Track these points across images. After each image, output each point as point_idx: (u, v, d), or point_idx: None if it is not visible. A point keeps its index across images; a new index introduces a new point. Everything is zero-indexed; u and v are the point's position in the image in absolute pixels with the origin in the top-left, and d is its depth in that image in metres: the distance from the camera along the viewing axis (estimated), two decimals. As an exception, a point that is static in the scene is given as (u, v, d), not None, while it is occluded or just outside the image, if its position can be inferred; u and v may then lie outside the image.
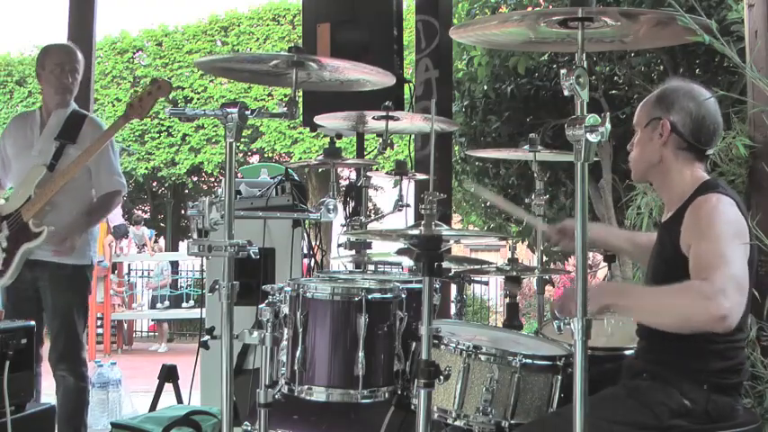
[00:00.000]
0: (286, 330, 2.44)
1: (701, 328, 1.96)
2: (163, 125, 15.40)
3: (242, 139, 14.23)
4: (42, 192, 3.51)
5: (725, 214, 2.09)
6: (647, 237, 2.65)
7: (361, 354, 2.34)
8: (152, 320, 12.15)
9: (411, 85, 4.32)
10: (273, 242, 3.86)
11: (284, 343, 2.44)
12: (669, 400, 2.06)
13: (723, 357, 2.09)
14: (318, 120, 3.23)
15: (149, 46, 16.02)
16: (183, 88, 15.44)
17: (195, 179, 16.50)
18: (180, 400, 4.36)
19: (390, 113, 2.95)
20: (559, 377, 2.29)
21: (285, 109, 2.41)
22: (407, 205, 3.18)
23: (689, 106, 2.21)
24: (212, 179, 16.33)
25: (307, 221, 3.84)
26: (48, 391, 4.48)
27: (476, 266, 3.15)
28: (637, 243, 2.70)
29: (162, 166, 15.45)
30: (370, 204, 3.81)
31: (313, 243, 3.98)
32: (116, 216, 11.78)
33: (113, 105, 15.51)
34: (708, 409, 2.06)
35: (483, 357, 2.27)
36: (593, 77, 5.82)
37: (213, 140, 15.15)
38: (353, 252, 3.21)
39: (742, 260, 2.01)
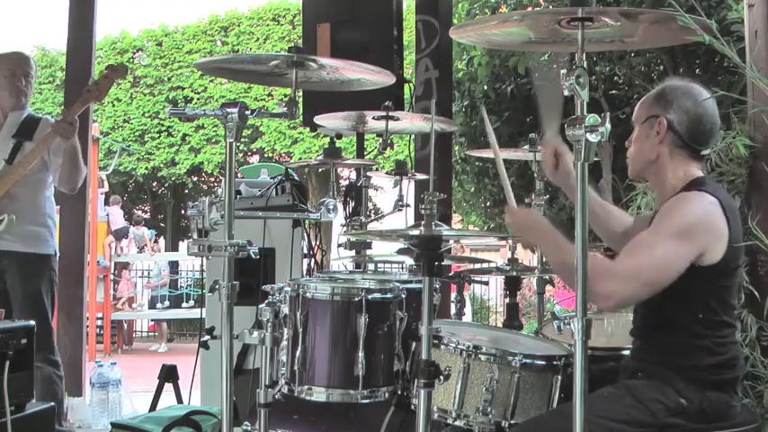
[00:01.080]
0: (286, 330, 2.44)
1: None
2: (163, 125, 15.42)
3: (242, 139, 14.22)
4: (2, 183, 3.60)
5: (688, 209, 2.10)
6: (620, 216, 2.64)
7: (361, 354, 2.34)
8: (152, 320, 12.16)
9: (411, 85, 4.31)
10: (273, 242, 3.85)
11: (284, 343, 2.44)
12: (665, 397, 2.07)
13: (712, 353, 2.10)
14: (318, 120, 3.23)
15: (149, 46, 16.03)
16: (183, 88, 15.46)
17: (195, 179, 16.52)
18: (180, 400, 4.36)
19: (390, 113, 2.95)
20: (559, 377, 2.29)
21: (285, 109, 2.41)
22: (407, 205, 3.18)
23: (686, 105, 2.21)
24: (212, 179, 16.35)
25: (307, 221, 3.84)
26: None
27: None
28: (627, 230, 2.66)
29: (162, 166, 15.47)
30: (370, 204, 3.80)
31: (313, 243, 3.98)
32: (118, 218, 11.81)
33: (113, 105, 15.52)
34: (703, 406, 2.07)
35: (483, 357, 2.27)
36: (593, 77, 5.82)
37: (213, 140, 15.16)
38: (353, 252, 3.20)
39: (670, 256, 2.02)
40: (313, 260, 3.99)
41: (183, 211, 17.31)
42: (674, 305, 2.09)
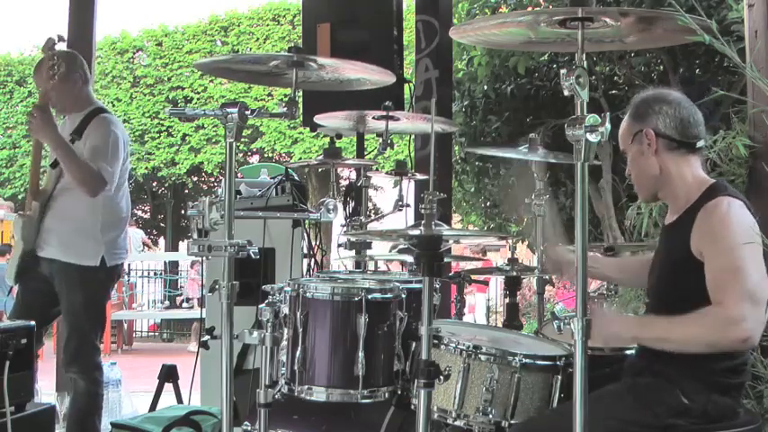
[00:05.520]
0: (286, 330, 2.44)
1: (726, 350, 2.03)
2: (163, 125, 15.40)
3: (242, 139, 14.23)
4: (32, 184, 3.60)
5: (737, 219, 2.10)
6: (633, 260, 2.66)
7: (361, 354, 2.34)
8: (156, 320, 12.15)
9: (411, 85, 4.31)
10: (273, 242, 3.85)
11: (284, 343, 2.44)
12: (668, 398, 2.06)
13: (729, 356, 2.09)
14: (318, 119, 3.23)
15: (149, 46, 16.02)
16: (183, 88, 15.45)
17: (195, 179, 16.50)
18: (180, 400, 4.36)
19: (390, 113, 2.96)
20: (559, 377, 2.29)
21: (285, 109, 2.41)
22: (407, 205, 3.18)
23: (662, 108, 2.24)
24: (212, 179, 16.33)
25: (307, 221, 3.84)
26: (47, 391, 4.49)
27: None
28: (624, 268, 2.72)
29: (162, 166, 15.46)
30: (370, 204, 3.80)
31: (313, 243, 3.98)
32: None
33: (113, 105, 15.51)
34: (707, 409, 2.06)
35: (483, 357, 2.28)
36: (593, 77, 5.81)
37: (213, 140, 15.15)
38: (353, 253, 3.20)
39: (756, 268, 2.02)
40: (313, 260, 3.99)
41: (183, 211, 17.29)
42: (697, 306, 2.06)
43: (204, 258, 2.32)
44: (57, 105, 3.68)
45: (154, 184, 17.07)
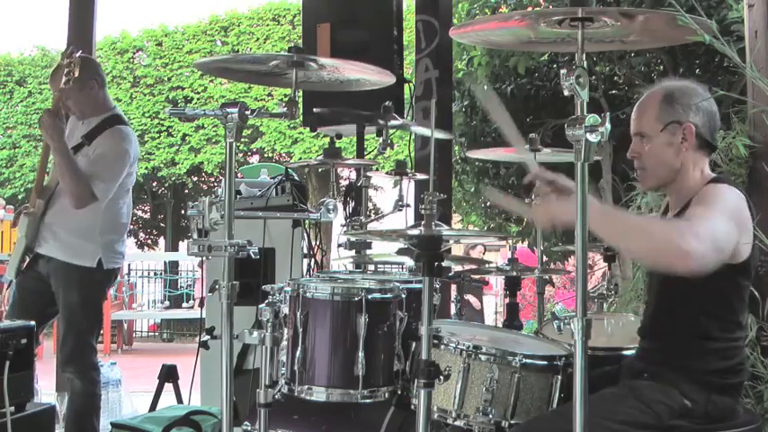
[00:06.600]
0: (286, 330, 2.44)
1: (662, 261, 1.94)
2: (163, 125, 15.39)
3: (242, 139, 14.21)
4: (37, 183, 3.63)
5: (727, 196, 2.09)
6: None
7: (361, 354, 2.34)
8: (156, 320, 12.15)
9: (411, 85, 4.31)
10: (273, 242, 3.85)
11: (284, 343, 2.44)
12: (669, 399, 2.06)
13: (723, 357, 2.09)
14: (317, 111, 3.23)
15: (149, 46, 16.01)
16: (183, 88, 15.44)
17: (195, 179, 16.49)
18: (180, 400, 4.36)
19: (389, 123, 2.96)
20: (559, 377, 2.29)
21: (285, 109, 2.41)
22: (407, 205, 3.18)
23: (703, 105, 2.18)
24: (212, 179, 16.32)
25: (307, 221, 3.84)
26: (47, 391, 4.49)
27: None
28: None
29: (162, 166, 15.45)
30: (370, 204, 3.80)
31: (313, 243, 3.98)
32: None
33: (113, 105, 15.49)
34: (708, 409, 2.06)
35: (483, 357, 2.28)
36: (593, 77, 5.82)
37: (213, 140, 15.14)
38: (353, 253, 3.20)
39: (727, 231, 1.98)
40: (313, 260, 3.99)
41: (183, 211, 17.28)
42: (694, 304, 2.06)
43: (204, 258, 2.32)
44: (75, 112, 3.68)
45: (154, 184, 17.06)
